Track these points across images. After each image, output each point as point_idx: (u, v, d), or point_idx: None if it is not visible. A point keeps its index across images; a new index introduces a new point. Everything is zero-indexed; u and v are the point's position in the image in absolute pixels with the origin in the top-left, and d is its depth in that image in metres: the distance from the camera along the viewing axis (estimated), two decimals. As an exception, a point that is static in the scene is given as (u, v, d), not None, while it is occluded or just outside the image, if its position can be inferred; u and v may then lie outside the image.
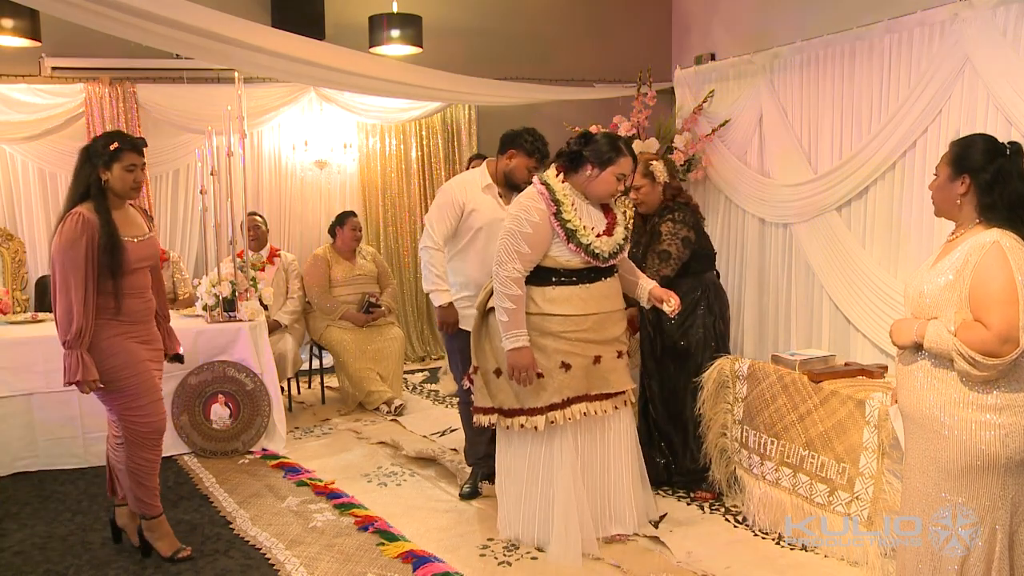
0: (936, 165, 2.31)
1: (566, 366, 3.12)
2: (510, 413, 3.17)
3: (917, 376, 2.24)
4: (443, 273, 3.65)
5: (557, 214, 3.06)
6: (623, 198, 3.32)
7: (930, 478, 2.24)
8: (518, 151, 3.63)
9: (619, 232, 3.20)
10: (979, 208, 2.18)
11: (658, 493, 3.68)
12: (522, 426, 3.14)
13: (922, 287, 2.23)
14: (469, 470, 3.95)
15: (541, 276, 3.12)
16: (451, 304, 3.64)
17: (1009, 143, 2.21)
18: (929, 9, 4.36)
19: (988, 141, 2.22)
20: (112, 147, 3.02)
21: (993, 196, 2.15)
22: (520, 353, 3.05)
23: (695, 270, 3.73)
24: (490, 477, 3.70)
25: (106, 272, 2.97)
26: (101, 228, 2.97)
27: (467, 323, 3.57)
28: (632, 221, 3.31)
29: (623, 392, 3.29)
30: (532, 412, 3.13)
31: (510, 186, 3.66)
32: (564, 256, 3.08)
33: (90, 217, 2.97)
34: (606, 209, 3.24)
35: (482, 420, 3.25)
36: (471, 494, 3.82)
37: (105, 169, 3.02)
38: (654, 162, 3.78)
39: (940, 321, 2.15)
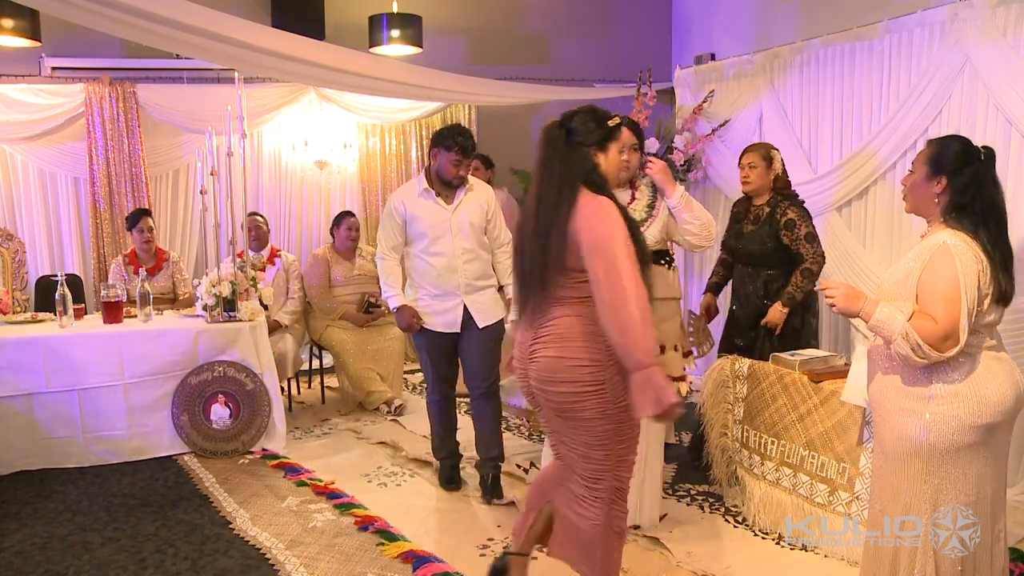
0: (912, 161, 2.37)
1: None
2: None
3: (874, 362, 2.38)
4: (392, 280, 3.82)
5: None
6: (645, 180, 3.32)
7: (876, 459, 2.41)
8: (439, 149, 3.72)
9: None
10: (949, 208, 2.27)
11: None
12: None
13: (885, 278, 2.36)
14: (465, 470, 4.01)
15: None
16: (404, 306, 3.76)
17: (983, 147, 2.29)
18: (929, 9, 4.36)
19: (964, 144, 2.30)
20: (610, 123, 2.49)
21: (966, 198, 2.24)
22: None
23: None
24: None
25: None
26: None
27: (440, 324, 3.76)
28: (654, 203, 3.27)
29: None
30: None
31: (444, 184, 3.74)
32: None
33: None
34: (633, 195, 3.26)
35: None
36: (450, 482, 3.94)
37: (599, 150, 2.47)
38: (775, 151, 3.99)
39: (895, 305, 2.22)
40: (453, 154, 3.66)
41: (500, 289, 3.92)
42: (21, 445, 4.20)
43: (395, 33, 5.92)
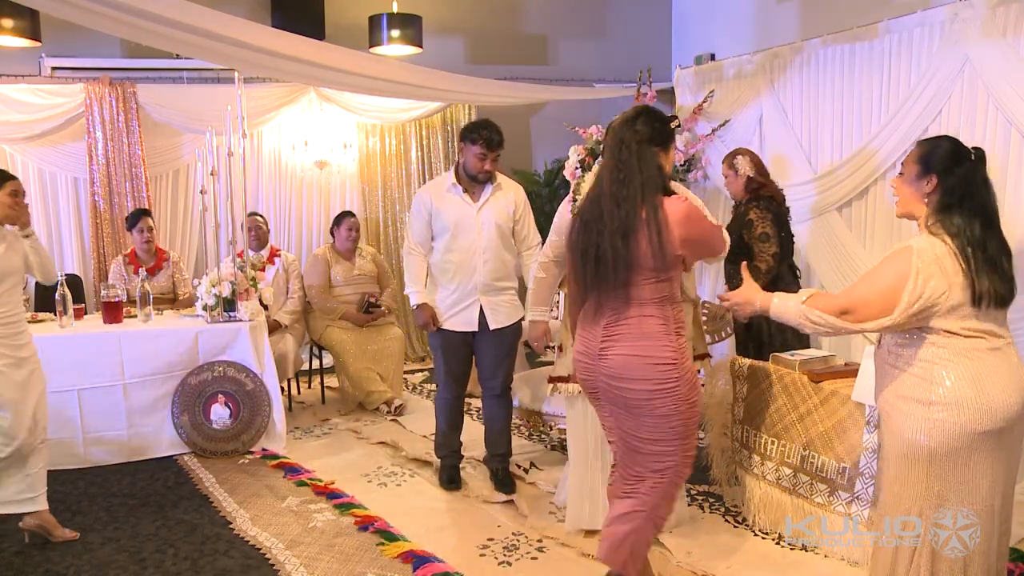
0: (902, 162, 2.35)
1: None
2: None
3: (879, 368, 2.37)
4: (416, 275, 3.83)
5: (572, 201, 3.31)
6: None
7: (881, 462, 2.44)
8: (465, 143, 3.73)
9: None
10: (937, 208, 2.23)
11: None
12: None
13: None
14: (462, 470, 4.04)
15: None
16: (424, 304, 3.79)
17: (973, 148, 2.26)
18: (929, 9, 4.37)
19: (954, 144, 2.27)
20: (672, 124, 2.63)
21: (954, 198, 2.21)
22: (532, 325, 3.50)
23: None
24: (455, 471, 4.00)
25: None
26: None
27: (455, 323, 3.76)
28: None
29: None
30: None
31: (471, 178, 3.74)
32: None
33: None
34: None
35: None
36: (450, 482, 3.93)
37: (663, 151, 2.57)
38: (740, 156, 4.09)
39: (785, 295, 2.36)
40: (478, 147, 3.65)
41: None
42: (21, 445, 4.19)
43: (395, 33, 5.92)
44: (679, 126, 2.67)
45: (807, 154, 5.22)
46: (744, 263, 2.60)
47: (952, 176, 2.21)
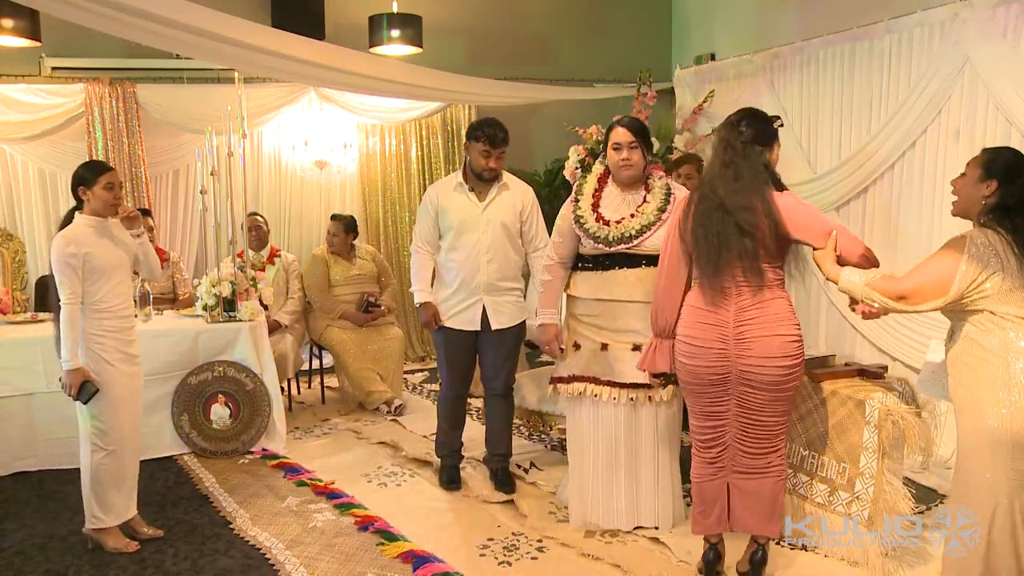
0: (967, 164, 2.47)
1: (576, 346, 3.36)
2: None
3: (954, 361, 2.45)
4: (421, 273, 3.84)
5: (575, 202, 3.34)
6: (664, 179, 3.36)
7: (961, 454, 2.44)
8: (469, 141, 3.76)
9: (638, 220, 3.22)
10: (993, 208, 2.37)
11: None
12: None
13: None
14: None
15: (576, 261, 3.41)
16: (427, 303, 3.80)
17: None
18: (929, 9, 4.36)
19: (1016, 155, 2.43)
20: (776, 124, 2.81)
21: (1011, 202, 2.34)
22: (542, 329, 3.45)
23: None
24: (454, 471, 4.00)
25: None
26: None
27: (458, 322, 3.75)
28: (665, 207, 3.24)
29: (646, 387, 3.22)
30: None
31: (477, 177, 3.75)
32: (583, 242, 3.31)
33: None
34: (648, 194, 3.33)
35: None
36: (450, 482, 3.93)
37: (767, 150, 2.77)
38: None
39: (855, 271, 2.55)
40: (481, 144, 3.67)
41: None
42: (20, 445, 4.20)
43: (395, 33, 5.92)
44: (781, 124, 2.80)
45: (807, 154, 5.21)
46: (834, 232, 2.71)
47: (1012, 185, 2.35)
